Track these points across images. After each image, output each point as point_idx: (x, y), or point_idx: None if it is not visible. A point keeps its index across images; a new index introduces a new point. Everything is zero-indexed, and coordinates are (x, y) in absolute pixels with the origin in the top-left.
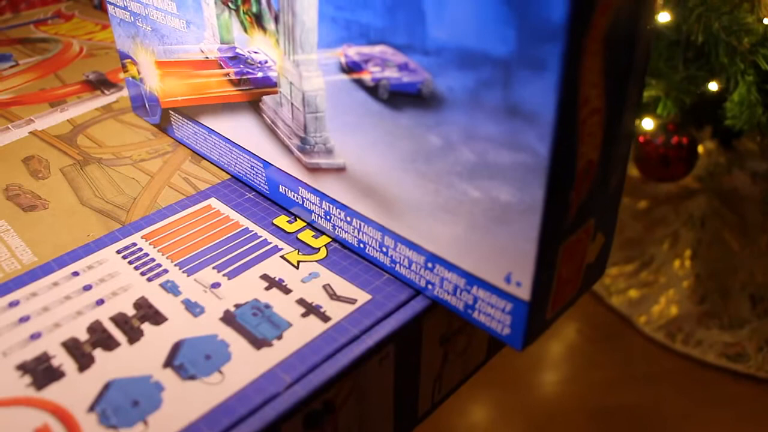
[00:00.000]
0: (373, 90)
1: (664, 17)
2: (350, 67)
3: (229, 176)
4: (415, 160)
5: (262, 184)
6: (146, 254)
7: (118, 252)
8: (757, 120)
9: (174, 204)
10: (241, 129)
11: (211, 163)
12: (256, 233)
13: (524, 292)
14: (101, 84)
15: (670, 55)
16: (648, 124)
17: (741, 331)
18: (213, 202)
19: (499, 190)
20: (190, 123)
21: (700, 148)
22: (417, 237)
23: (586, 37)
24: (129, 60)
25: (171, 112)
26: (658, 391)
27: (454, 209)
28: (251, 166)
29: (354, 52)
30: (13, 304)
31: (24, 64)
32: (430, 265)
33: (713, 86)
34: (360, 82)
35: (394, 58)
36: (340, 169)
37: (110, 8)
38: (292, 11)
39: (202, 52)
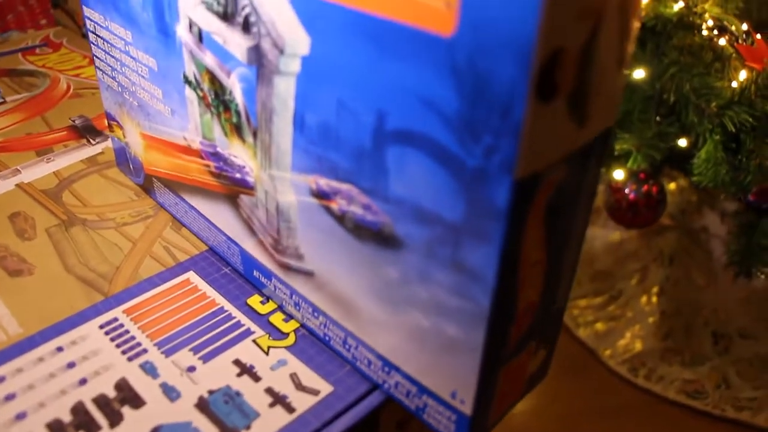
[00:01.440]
0: (340, 218)
1: (639, 73)
2: (320, 194)
3: (207, 247)
4: (375, 284)
5: (237, 264)
6: (127, 331)
7: (101, 327)
8: (721, 179)
9: (154, 276)
10: (220, 213)
11: (191, 232)
12: (230, 314)
13: (467, 408)
14: (87, 131)
15: (644, 108)
16: (619, 174)
17: (701, 368)
18: (191, 276)
19: (447, 326)
20: (172, 194)
21: (673, 185)
22: (375, 344)
23: (528, 214)
24: (115, 123)
25: (154, 178)
26: (620, 426)
27: (409, 331)
28: (228, 246)
29: (324, 182)
30: (0, 379)
31: (11, 101)
32: (386, 369)
33: (683, 143)
34: (328, 209)
35: (359, 198)
36: (309, 273)
37: (99, 73)
38: (269, 132)
39: (185, 139)
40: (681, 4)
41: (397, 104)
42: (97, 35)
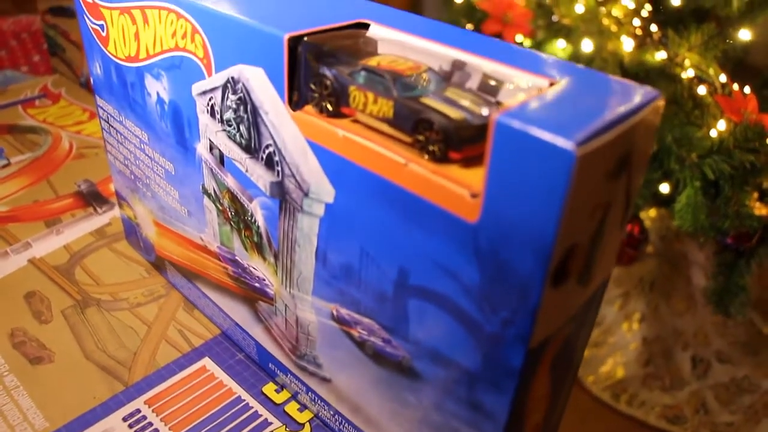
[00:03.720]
0: (360, 344)
1: None
2: (340, 321)
3: (220, 330)
4: (392, 402)
5: (252, 353)
6: (150, 423)
7: (124, 420)
8: (701, 223)
9: (171, 363)
10: (236, 309)
11: (204, 314)
12: (247, 403)
13: None
14: (93, 198)
15: None
16: None
17: (680, 393)
18: (207, 362)
19: None
20: (185, 279)
21: (653, 212)
22: None
23: (539, 367)
24: (126, 204)
25: (166, 261)
26: None
27: None
28: (243, 337)
29: (345, 312)
30: None
31: (16, 163)
32: None
33: (665, 188)
34: (349, 334)
35: (380, 332)
36: (326, 379)
37: (110, 156)
38: (291, 259)
39: (202, 240)
40: (663, 55)
41: (419, 266)
42: (110, 125)
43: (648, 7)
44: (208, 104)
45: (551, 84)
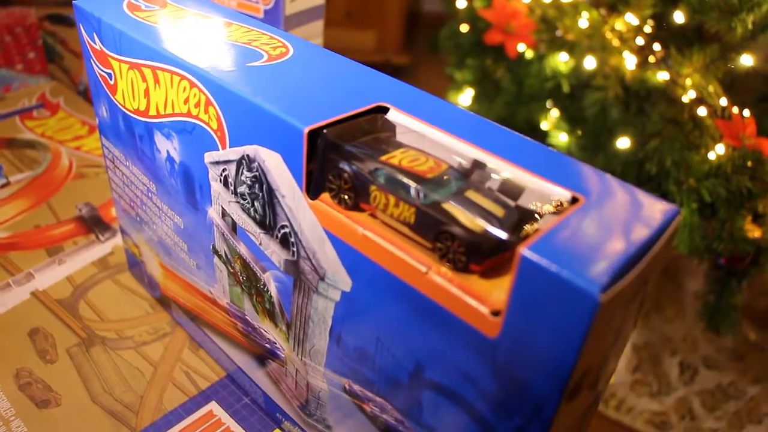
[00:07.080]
0: (372, 418)
1: (623, 142)
2: (353, 395)
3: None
4: None
5: (259, 400)
6: None
7: None
8: (695, 245)
9: (178, 408)
10: (243, 359)
11: (209, 355)
12: None
13: None
14: (94, 223)
15: (624, 171)
16: None
17: (668, 399)
18: (214, 407)
19: None
20: (191, 322)
21: None
22: None
23: None
24: (131, 240)
25: (172, 301)
26: None
27: None
28: (249, 384)
29: (358, 388)
30: None
31: (15, 182)
32: None
33: None
34: (361, 408)
35: (392, 412)
36: None
37: (113, 194)
38: (304, 332)
39: (211, 293)
40: (665, 75)
41: (436, 364)
42: (115, 165)
43: (651, 22)
44: (221, 174)
45: (574, 199)
